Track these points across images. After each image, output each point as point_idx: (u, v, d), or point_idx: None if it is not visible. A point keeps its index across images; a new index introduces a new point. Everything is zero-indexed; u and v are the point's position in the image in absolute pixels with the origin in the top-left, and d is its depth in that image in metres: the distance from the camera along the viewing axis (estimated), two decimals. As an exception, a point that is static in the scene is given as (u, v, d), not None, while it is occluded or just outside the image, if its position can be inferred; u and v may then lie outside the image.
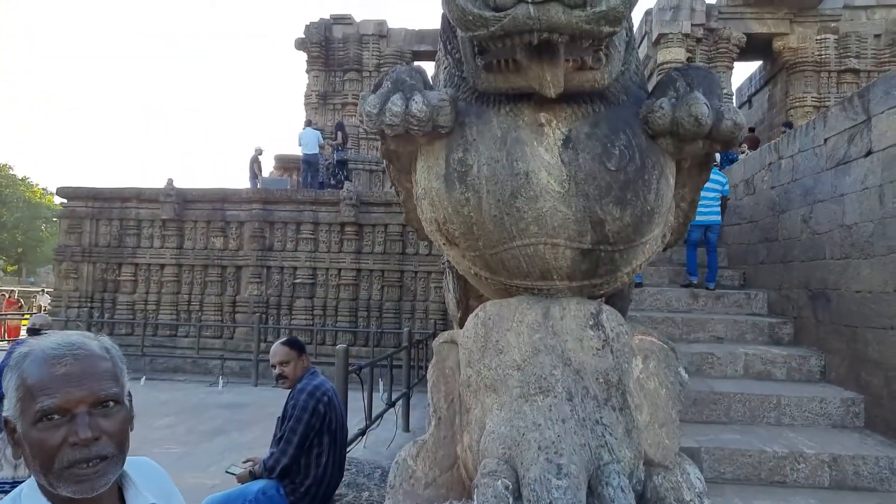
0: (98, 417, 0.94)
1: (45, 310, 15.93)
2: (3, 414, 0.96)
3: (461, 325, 2.66)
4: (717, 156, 6.71)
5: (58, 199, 14.22)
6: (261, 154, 15.06)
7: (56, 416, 0.91)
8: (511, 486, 1.77)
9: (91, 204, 11.76)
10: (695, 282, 6.73)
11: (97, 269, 11.69)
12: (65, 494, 0.92)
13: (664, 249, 2.51)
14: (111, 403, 0.96)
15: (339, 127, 14.13)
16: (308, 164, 13.33)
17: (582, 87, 1.99)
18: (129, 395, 1.03)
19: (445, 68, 2.44)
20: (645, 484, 2.02)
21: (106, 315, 11.48)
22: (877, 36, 13.83)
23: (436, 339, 2.36)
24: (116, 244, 11.69)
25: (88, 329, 10.83)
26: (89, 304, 11.53)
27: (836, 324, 5.11)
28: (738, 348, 5.48)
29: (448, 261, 3.02)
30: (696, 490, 2.01)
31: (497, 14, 1.76)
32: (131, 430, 1.01)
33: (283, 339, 3.41)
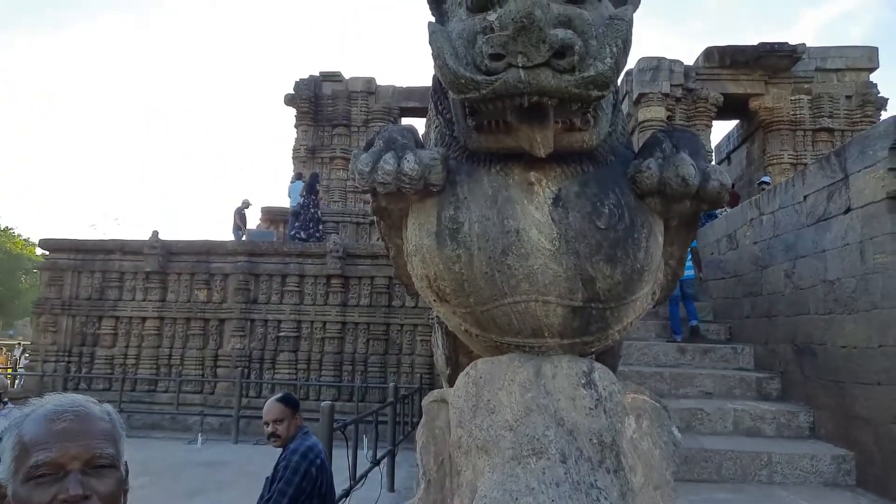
0: (91, 477, 0.91)
1: (19, 368, 15.59)
2: None
3: (450, 383, 2.62)
4: None
5: (39, 251, 14.07)
6: (247, 207, 15.07)
7: (48, 474, 0.89)
8: (505, 554, 1.72)
9: (73, 256, 11.64)
10: (679, 340, 6.75)
11: (76, 323, 11.47)
12: None
13: (654, 306, 2.52)
14: (106, 465, 0.94)
15: (312, 181, 13.90)
16: (296, 216, 13.36)
17: (571, 148, 2.03)
18: (127, 465, 1.01)
19: (436, 127, 2.48)
20: (641, 549, 1.96)
21: (84, 370, 11.21)
22: (848, 97, 14.37)
23: (425, 398, 2.32)
24: (97, 297, 11.52)
25: (65, 384, 10.55)
26: (67, 359, 11.26)
27: (823, 379, 5.11)
28: (727, 404, 5.45)
29: (437, 317, 3.00)
30: (694, 555, 1.96)
31: (488, 78, 1.81)
32: (125, 501, 0.98)
33: (279, 395, 3.33)
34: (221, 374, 11.08)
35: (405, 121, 16.77)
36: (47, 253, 11.97)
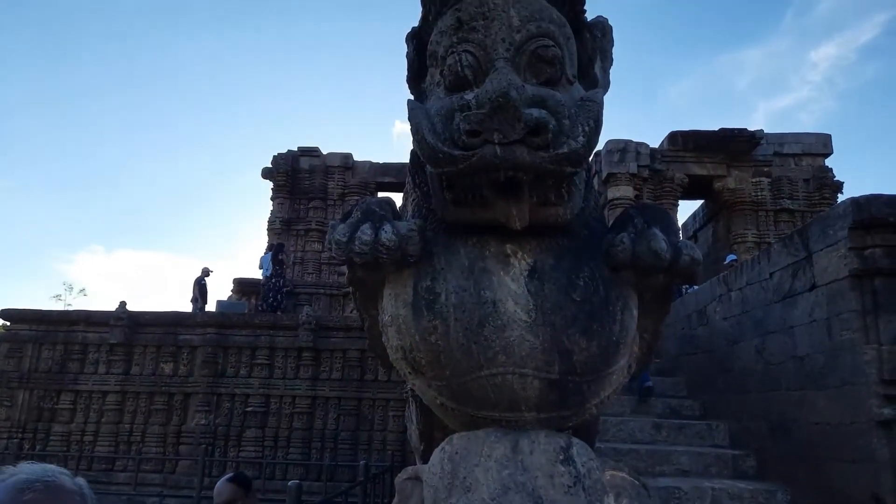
0: None
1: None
2: None
3: (424, 459, 2.55)
4: None
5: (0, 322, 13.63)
6: (207, 275, 14.83)
7: None
8: None
9: (36, 327, 11.28)
10: (650, 384, 6.93)
11: (34, 397, 10.98)
12: None
13: (630, 381, 2.52)
14: None
15: (276, 251, 13.83)
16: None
17: (546, 222, 2.08)
18: None
19: (413, 200, 2.53)
20: None
21: (38, 446, 10.64)
22: (806, 180, 15.04)
23: (398, 475, 2.26)
24: (58, 369, 11.10)
25: (17, 462, 9.95)
26: (20, 435, 10.71)
27: (799, 456, 5.09)
28: (705, 482, 5.36)
29: (412, 390, 2.95)
30: None
31: (465, 153, 1.86)
32: None
33: (229, 474, 3.20)
34: (184, 451, 10.61)
35: (382, 195, 17.02)
36: (8, 324, 11.58)
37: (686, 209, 18.78)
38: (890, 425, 4.14)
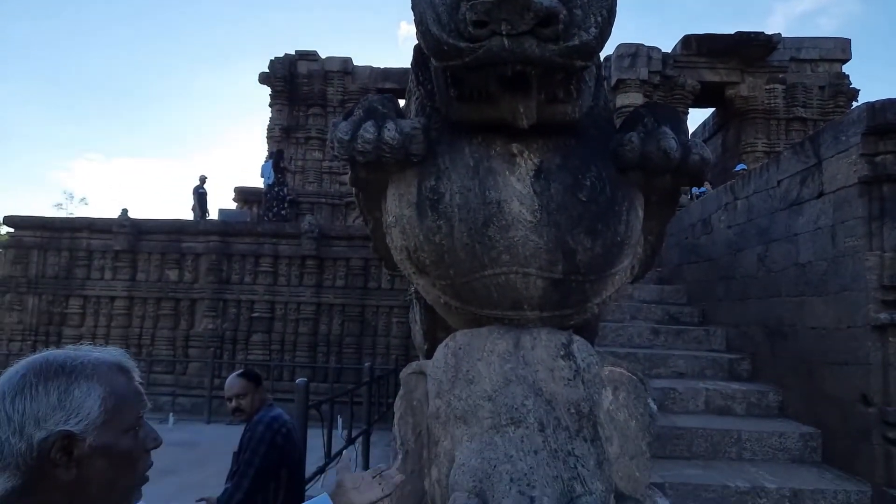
0: None
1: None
2: (60, 429, 0.87)
3: (428, 358, 2.61)
4: None
5: (4, 229, 13.71)
6: (204, 182, 14.72)
7: (138, 427, 0.95)
8: (483, 521, 1.72)
9: (40, 234, 11.36)
10: None
11: (43, 302, 11.22)
12: None
13: (632, 282, 2.53)
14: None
15: (276, 158, 13.55)
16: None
17: (553, 120, 2.01)
18: None
19: (417, 99, 2.45)
20: (616, 518, 1.98)
21: (51, 349, 10.96)
22: (821, 87, 14.59)
23: (403, 370, 2.31)
24: (65, 275, 11.27)
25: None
26: (33, 338, 11.02)
27: (792, 360, 5.22)
28: (699, 384, 5.54)
29: (416, 291, 2.98)
30: (668, 524, 1.98)
31: (472, 45, 1.77)
32: None
33: (239, 370, 3.30)
34: (193, 354, 10.96)
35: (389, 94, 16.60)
36: (12, 230, 11.65)
37: (696, 118, 18.38)
38: (885, 329, 4.21)
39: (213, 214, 14.10)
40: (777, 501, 4.17)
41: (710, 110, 16.83)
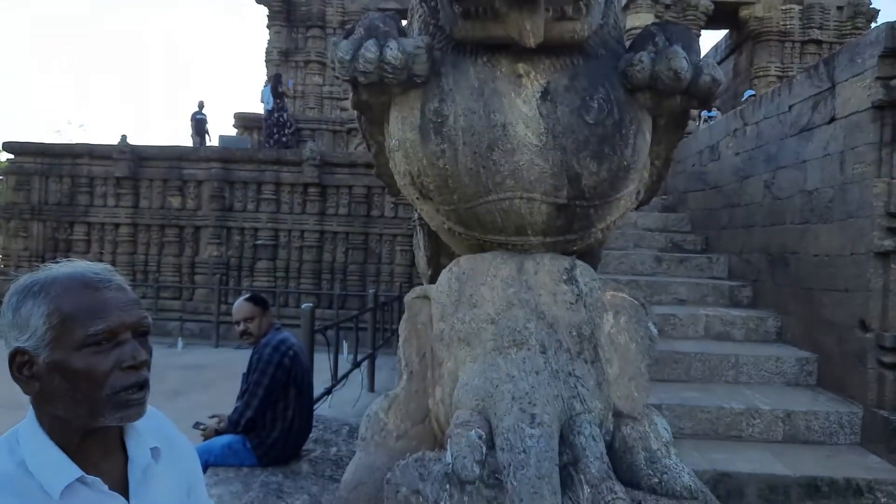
0: (141, 346, 0.94)
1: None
2: (14, 346, 0.90)
3: (432, 284, 2.63)
4: None
5: (4, 156, 13.61)
6: (202, 108, 14.41)
7: (104, 342, 0.89)
8: (484, 436, 1.78)
9: (40, 160, 11.27)
10: None
11: (48, 228, 11.27)
12: (105, 423, 0.91)
13: (637, 207, 2.52)
14: (146, 332, 0.97)
15: (275, 82, 13.10)
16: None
17: (561, 38, 1.94)
18: None
19: (420, 17, 2.36)
20: (614, 435, 2.05)
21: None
22: (839, 8, 14.04)
23: (408, 294, 2.33)
24: (68, 202, 11.26)
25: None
26: (39, 264, 11.10)
27: (793, 287, 5.26)
28: (700, 310, 5.61)
29: (419, 217, 2.98)
30: (664, 440, 2.05)
31: (477, -44, 1.69)
32: None
33: (246, 295, 3.34)
34: (199, 280, 11.09)
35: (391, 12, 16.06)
36: (12, 156, 11.56)
37: (708, 42, 17.78)
38: (887, 256, 4.21)
39: (213, 142, 13.93)
40: (770, 422, 4.31)
41: (722, 32, 16.27)
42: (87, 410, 0.89)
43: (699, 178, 7.67)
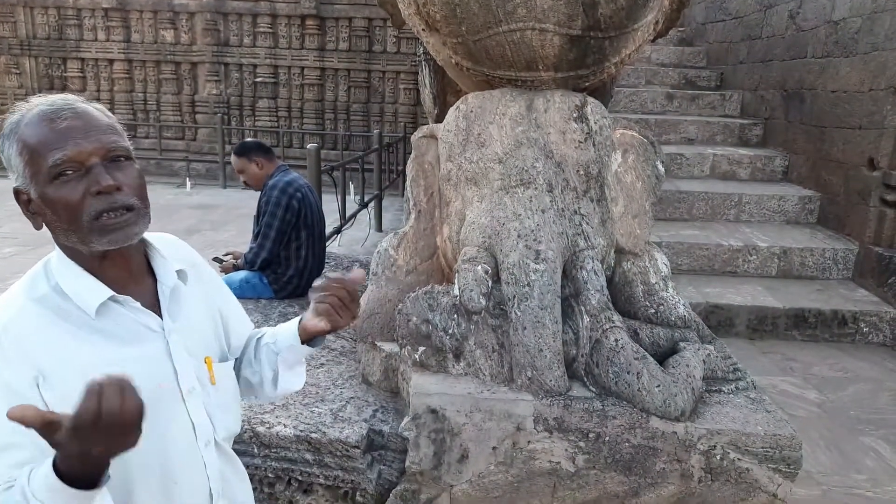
0: (114, 171, 0.92)
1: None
2: (14, 186, 0.93)
3: (438, 123, 2.59)
4: None
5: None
6: None
7: (70, 171, 0.89)
8: (490, 271, 1.85)
9: (20, -10, 10.58)
10: None
11: (40, 65, 10.87)
12: (100, 248, 0.92)
13: (654, 39, 2.40)
14: (122, 158, 0.94)
15: None
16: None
17: None
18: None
19: None
20: (615, 269, 2.13)
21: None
22: None
23: (414, 133, 2.31)
24: (57, 36, 10.75)
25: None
26: (38, 103, 10.89)
27: (805, 125, 5.16)
28: (707, 149, 5.56)
29: (425, 52, 2.85)
30: (662, 274, 2.13)
31: None
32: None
33: (234, 146, 3.32)
34: (201, 120, 10.90)
35: None
36: (-10, -14, 10.85)
37: None
38: (908, 93, 4.08)
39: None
40: (766, 258, 4.44)
41: None
42: (77, 238, 0.92)
43: (720, 7, 7.20)
